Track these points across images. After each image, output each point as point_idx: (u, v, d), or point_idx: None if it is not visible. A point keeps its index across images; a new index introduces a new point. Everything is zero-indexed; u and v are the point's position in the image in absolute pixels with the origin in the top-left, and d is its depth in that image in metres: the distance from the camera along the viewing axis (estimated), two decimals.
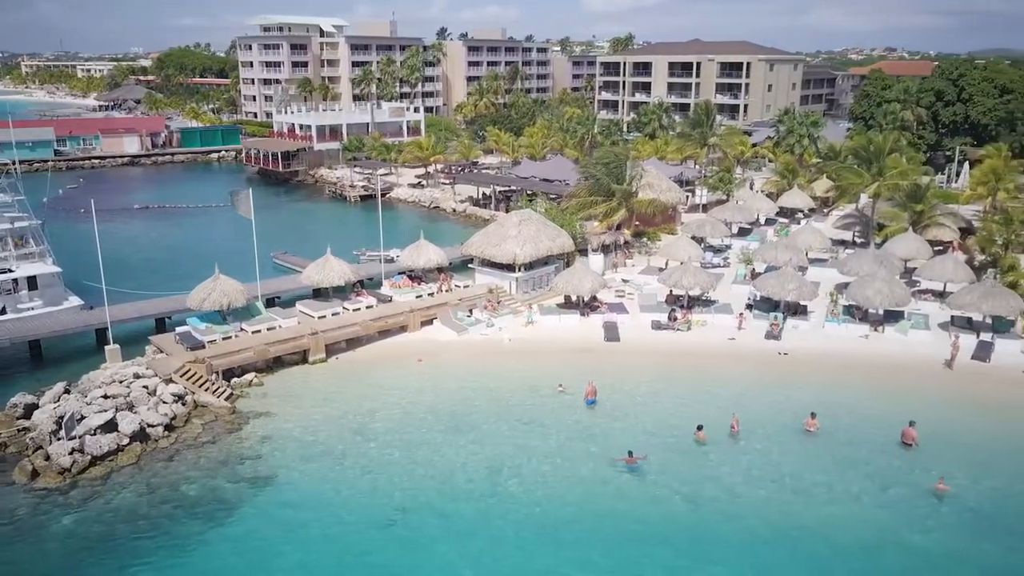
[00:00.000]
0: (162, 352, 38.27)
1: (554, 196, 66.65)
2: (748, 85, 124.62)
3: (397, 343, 42.70)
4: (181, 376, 35.74)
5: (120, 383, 34.84)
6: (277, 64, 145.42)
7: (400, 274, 48.69)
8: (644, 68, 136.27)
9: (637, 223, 59.59)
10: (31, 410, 33.04)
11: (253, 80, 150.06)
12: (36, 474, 29.49)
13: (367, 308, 43.77)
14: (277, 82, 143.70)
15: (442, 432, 32.90)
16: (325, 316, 42.34)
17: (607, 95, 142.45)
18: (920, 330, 42.31)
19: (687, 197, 72.82)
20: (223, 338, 38.97)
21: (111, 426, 31.24)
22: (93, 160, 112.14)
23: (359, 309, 43.49)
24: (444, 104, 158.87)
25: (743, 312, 41.81)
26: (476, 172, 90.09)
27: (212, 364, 36.92)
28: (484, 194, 79.79)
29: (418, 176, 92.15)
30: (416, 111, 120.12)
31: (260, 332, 39.98)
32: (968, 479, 28.95)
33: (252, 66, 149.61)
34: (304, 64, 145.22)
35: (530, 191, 71.29)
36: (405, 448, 31.60)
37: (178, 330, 39.92)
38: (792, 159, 77.91)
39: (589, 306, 45.77)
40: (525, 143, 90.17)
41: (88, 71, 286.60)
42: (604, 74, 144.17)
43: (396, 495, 28.43)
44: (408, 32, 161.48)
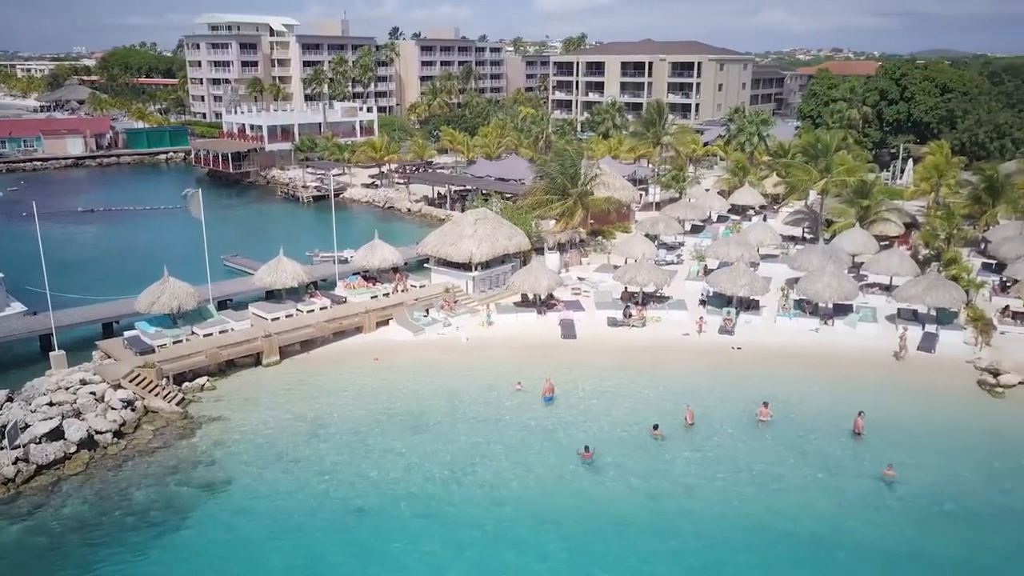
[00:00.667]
0: (110, 357, 37.30)
1: (509, 195, 66.70)
2: (699, 85, 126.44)
3: (352, 344, 42.29)
4: (130, 381, 34.87)
5: (66, 390, 33.86)
6: (226, 64, 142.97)
7: (355, 275, 48.19)
8: (597, 68, 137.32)
9: (592, 221, 59.93)
10: None
11: (202, 80, 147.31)
12: None
13: (321, 309, 43.25)
14: (226, 82, 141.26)
15: (399, 432, 32.66)
16: (279, 318, 41.71)
17: (561, 95, 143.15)
18: (868, 323, 43.34)
19: (641, 196, 73.48)
20: (173, 342, 38.15)
21: (57, 434, 30.34)
22: (35, 162, 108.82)
23: (313, 310, 42.95)
24: (397, 104, 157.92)
25: (702, 317, 42.01)
26: (431, 172, 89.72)
27: (162, 369, 36.12)
28: (439, 194, 79.48)
29: (372, 176, 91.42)
30: (369, 111, 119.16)
31: (212, 335, 39.21)
32: (915, 466, 29.74)
33: (200, 66, 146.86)
34: (254, 64, 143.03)
35: (485, 190, 71.21)
36: (361, 449, 31.30)
37: (126, 335, 38.96)
38: (743, 157, 79.14)
39: (546, 304, 45.88)
40: (480, 142, 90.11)
41: (28, 71, 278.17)
42: (557, 74, 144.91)
43: (352, 496, 28.14)
44: (360, 32, 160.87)
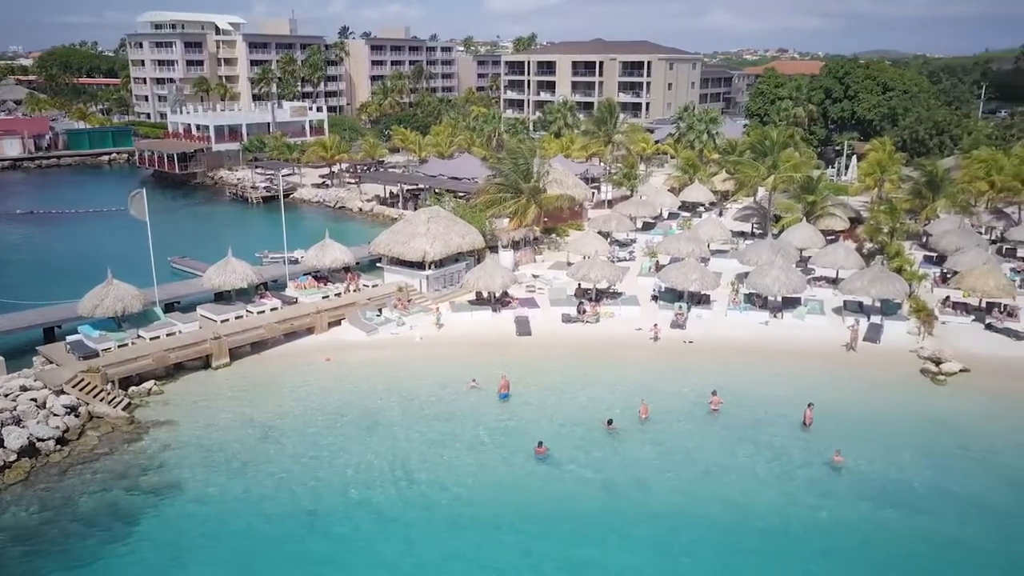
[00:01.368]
0: (52, 363, 36.17)
1: (463, 194, 66.53)
2: (649, 84, 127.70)
3: (304, 345, 41.71)
4: (73, 387, 33.84)
5: (5, 396, 32.67)
6: (170, 63, 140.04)
7: (305, 275, 47.55)
8: (548, 67, 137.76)
9: (546, 219, 60.10)
10: None
11: (145, 79, 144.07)
12: None
13: (272, 310, 42.56)
14: (171, 81, 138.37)
15: (352, 432, 32.31)
16: (228, 320, 40.92)
17: (512, 94, 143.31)
18: (816, 315, 44.24)
19: (593, 194, 73.93)
20: (118, 345, 37.16)
21: None
22: None
23: (263, 311, 42.24)
24: (348, 104, 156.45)
25: (656, 324, 42.15)
26: (382, 171, 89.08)
27: (107, 373, 35.13)
28: (391, 193, 78.91)
29: (322, 176, 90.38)
30: (319, 111, 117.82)
31: (159, 338, 38.30)
32: (862, 452, 30.45)
33: (144, 65, 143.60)
34: (199, 63, 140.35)
35: (438, 189, 70.91)
36: (314, 450, 30.87)
37: (69, 339, 37.80)
38: (693, 155, 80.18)
39: (501, 302, 45.86)
40: (432, 141, 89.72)
41: None
42: (509, 73, 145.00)
43: (305, 498, 27.72)
44: (309, 31, 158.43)
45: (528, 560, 24.69)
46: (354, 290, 46.32)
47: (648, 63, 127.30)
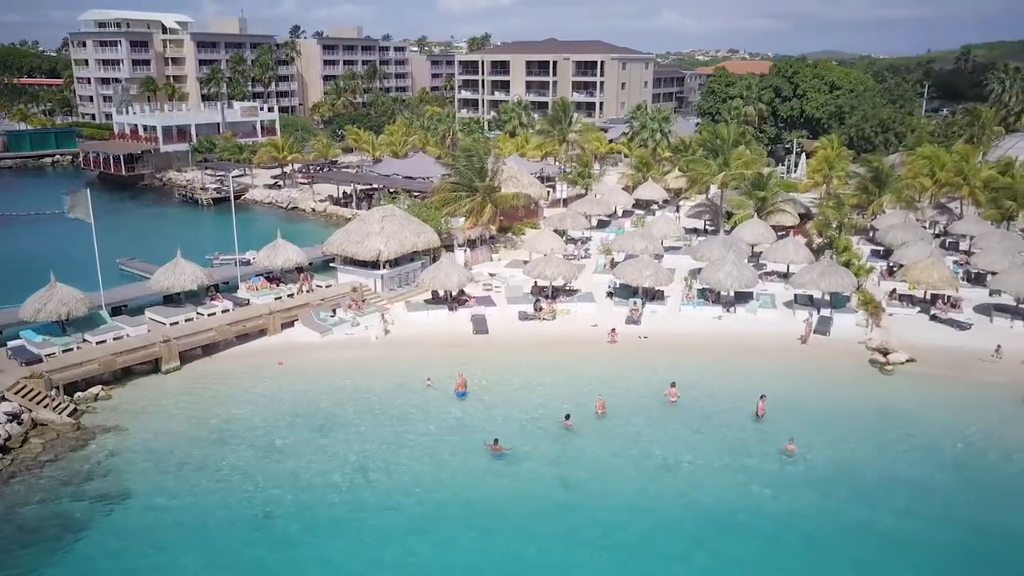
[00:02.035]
0: None
1: (417, 193, 66.16)
2: (603, 83, 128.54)
3: (257, 347, 41.04)
4: (15, 393, 32.80)
5: None
6: (116, 62, 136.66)
7: (258, 276, 46.80)
8: (502, 67, 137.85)
9: (502, 218, 60.09)
10: None
11: (89, 79, 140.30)
12: None
13: (223, 312, 41.80)
14: (116, 81, 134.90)
15: (308, 434, 31.88)
16: (177, 322, 40.06)
17: (467, 94, 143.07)
18: (767, 309, 44.98)
19: (548, 192, 74.18)
20: (63, 350, 36.13)
21: None
22: None
23: (214, 313, 41.47)
24: (300, 104, 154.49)
25: (615, 329, 41.87)
26: (336, 171, 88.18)
27: (51, 379, 34.14)
28: (345, 193, 78.15)
29: (274, 177, 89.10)
30: (270, 111, 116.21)
31: (106, 342, 37.34)
32: (813, 441, 31.03)
33: (88, 64, 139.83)
34: (146, 62, 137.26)
35: (392, 188, 70.41)
36: (268, 453, 30.39)
37: (10, 344, 36.63)
38: (646, 153, 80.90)
39: (457, 300, 45.69)
40: (386, 141, 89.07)
41: None
42: (463, 73, 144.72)
43: (260, 501, 27.27)
44: (259, 30, 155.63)
45: (485, 557, 24.63)
46: (307, 291, 45.73)
47: (601, 63, 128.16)
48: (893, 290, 46.69)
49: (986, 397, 35.15)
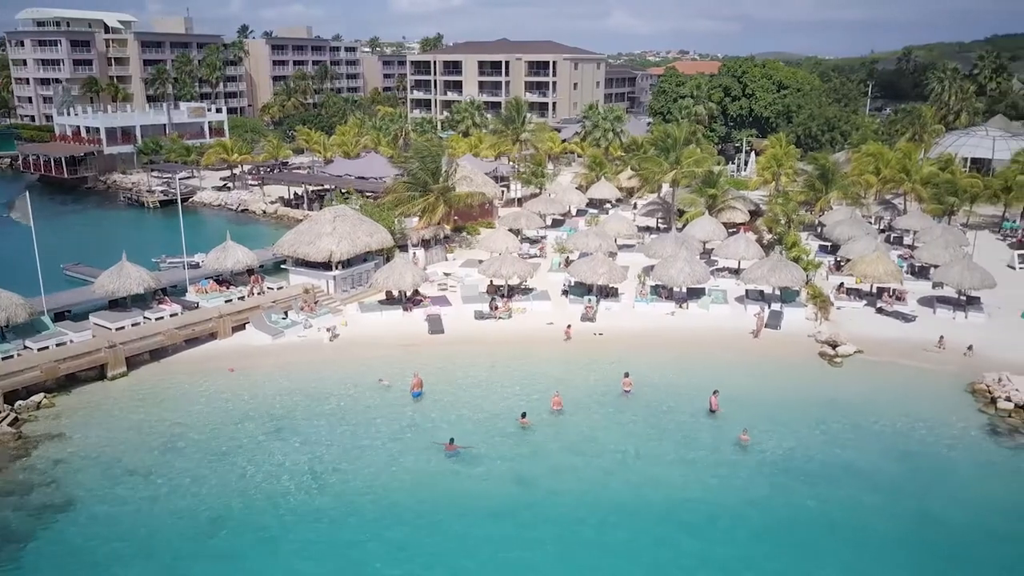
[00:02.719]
0: None
1: (370, 193, 65.56)
2: (555, 83, 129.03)
3: (207, 351, 40.18)
4: None
5: None
6: (56, 62, 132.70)
7: (207, 279, 45.84)
8: (455, 67, 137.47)
9: (456, 218, 59.87)
10: None
11: (28, 80, 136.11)
12: None
13: (171, 316, 40.86)
14: (57, 82, 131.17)
15: (260, 438, 31.29)
16: (124, 327, 39.04)
17: (419, 94, 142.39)
18: (719, 304, 45.57)
19: (503, 192, 74.15)
20: (3, 358, 34.88)
21: None
22: None
23: (162, 318, 40.50)
24: (250, 105, 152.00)
25: (570, 325, 42.01)
26: (286, 172, 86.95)
27: None
28: (296, 194, 77.10)
29: (224, 179, 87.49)
30: (219, 111, 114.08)
31: (48, 348, 36.19)
32: (766, 432, 31.52)
33: (26, 64, 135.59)
34: (88, 62, 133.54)
35: (345, 189, 69.66)
36: (219, 459, 29.75)
37: None
38: (599, 152, 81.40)
39: (412, 300, 45.36)
40: (337, 141, 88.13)
41: None
42: (415, 73, 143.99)
43: (211, 508, 26.67)
44: (206, 30, 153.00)
45: (441, 557, 24.44)
46: (258, 293, 44.95)
47: (553, 63, 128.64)
48: (841, 284, 47.68)
49: (930, 387, 36.09)
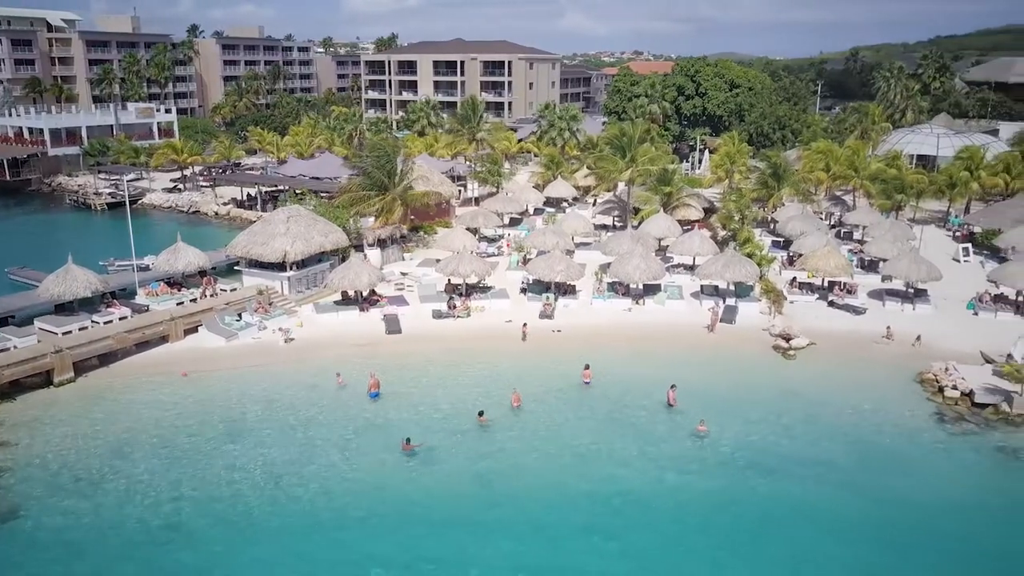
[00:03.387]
0: None
1: (325, 193, 64.82)
2: (511, 83, 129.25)
3: (159, 355, 39.30)
4: None
5: None
6: None
7: (157, 281, 44.85)
8: (409, 67, 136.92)
9: (413, 217, 59.49)
10: None
11: None
12: None
13: (120, 319, 39.87)
14: None
15: (215, 442, 30.70)
16: (71, 332, 37.96)
17: (374, 94, 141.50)
18: (675, 300, 46.01)
19: (460, 191, 73.91)
20: None
21: None
22: None
23: (111, 321, 39.47)
24: (200, 106, 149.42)
25: (526, 323, 41.81)
26: (239, 173, 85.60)
27: None
28: (249, 195, 75.92)
29: (174, 180, 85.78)
30: (168, 112, 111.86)
31: None
32: (723, 424, 31.90)
33: None
34: (30, 62, 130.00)
35: (299, 189, 68.77)
36: (172, 464, 29.09)
37: None
38: (555, 151, 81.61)
39: (368, 300, 44.93)
40: (291, 142, 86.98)
41: None
42: (370, 73, 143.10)
43: (165, 514, 26.08)
44: (153, 30, 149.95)
45: (400, 556, 24.21)
46: (211, 295, 44.11)
47: (509, 63, 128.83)
48: (793, 279, 48.48)
49: (881, 377, 36.85)
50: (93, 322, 39.20)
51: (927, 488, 28.16)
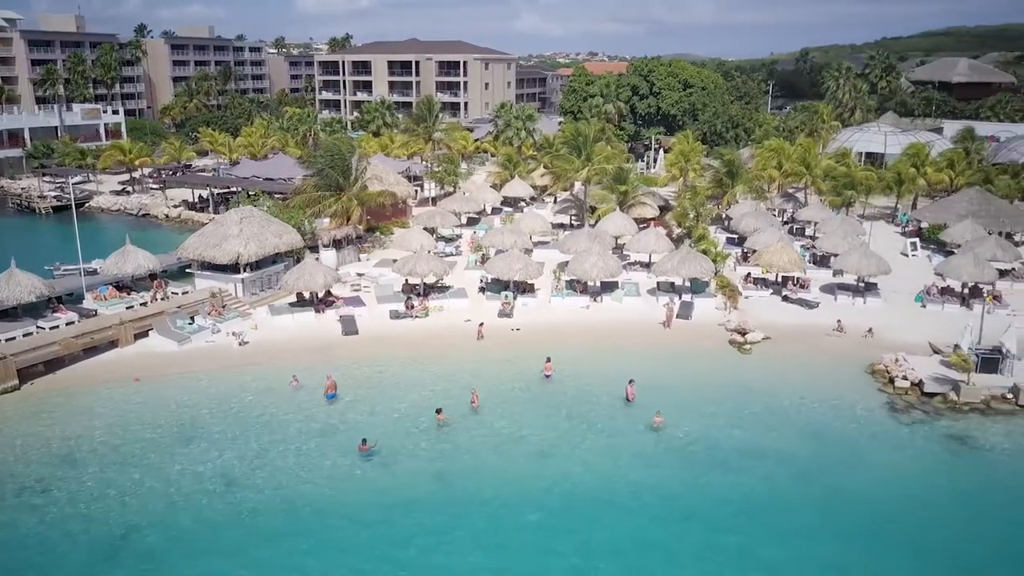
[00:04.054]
0: None
1: (279, 194, 63.87)
2: (466, 83, 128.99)
3: (108, 360, 38.27)
4: None
5: None
6: None
7: (106, 285, 43.71)
8: (364, 67, 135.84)
9: (369, 218, 58.94)
10: None
11: None
12: None
13: (68, 324, 38.77)
14: None
15: (168, 448, 29.99)
16: (14, 338, 36.80)
17: (328, 94, 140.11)
18: (632, 297, 46.31)
19: (417, 191, 73.48)
20: None
21: None
22: None
23: (57, 327, 38.38)
24: (149, 107, 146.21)
25: (482, 323, 41.63)
26: (190, 174, 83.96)
27: None
28: (201, 197, 74.48)
29: (122, 182, 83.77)
30: (115, 113, 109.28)
31: None
32: (681, 418, 32.16)
33: None
34: None
35: (252, 190, 67.63)
36: (123, 471, 28.34)
37: None
38: (512, 151, 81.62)
39: (324, 302, 44.34)
40: (243, 142, 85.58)
41: None
42: (324, 74, 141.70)
43: (117, 520, 25.41)
44: (99, 29, 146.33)
45: (361, 557, 23.90)
46: (161, 298, 43.15)
47: (464, 63, 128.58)
48: (748, 274, 49.13)
49: (834, 369, 37.53)
50: (38, 328, 38.13)
51: (879, 476, 28.69)
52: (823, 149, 79.04)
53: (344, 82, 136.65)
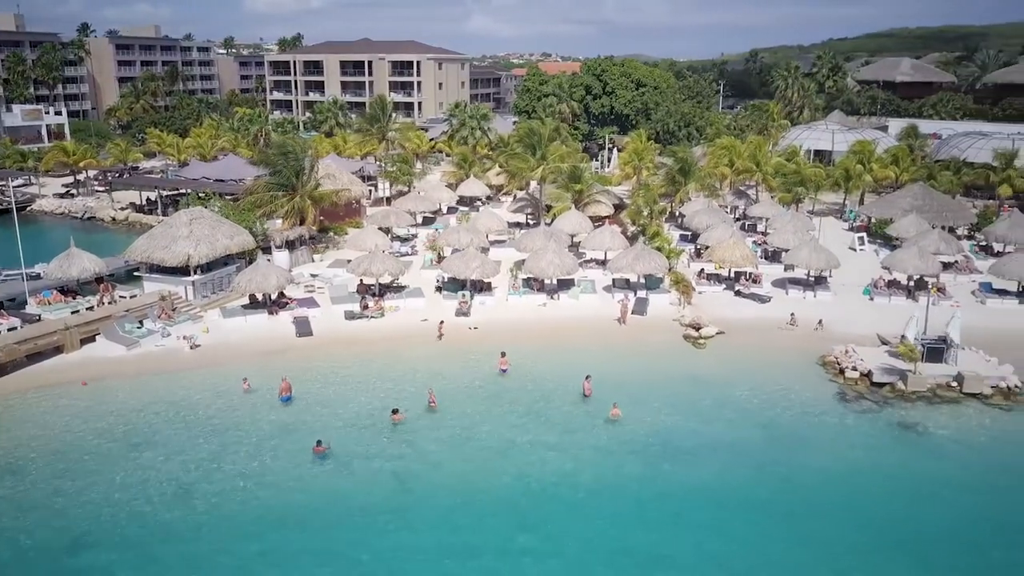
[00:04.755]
0: None
1: (230, 195, 62.78)
2: (420, 83, 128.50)
3: (53, 366, 37.14)
4: None
5: None
6: None
7: (50, 289, 42.47)
8: (316, 67, 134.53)
9: (322, 218, 58.27)
10: None
11: None
12: None
13: (9, 331, 37.58)
14: None
15: (118, 453, 29.26)
16: None
17: (279, 95, 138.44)
18: (588, 294, 46.55)
19: (371, 191, 72.89)
20: None
21: None
22: None
23: None
24: (94, 108, 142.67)
25: (443, 321, 41.71)
26: (137, 176, 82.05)
27: None
28: (149, 199, 72.85)
29: (66, 185, 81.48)
30: (59, 114, 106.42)
31: None
32: (637, 412, 32.41)
33: None
34: None
35: (202, 192, 66.36)
36: (72, 480, 27.53)
37: None
38: (467, 150, 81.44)
39: (277, 303, 43.69)
40: (192, 143, 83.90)
41: None
42: (274, 74, 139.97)
43: (66, 529, 24.71)
44: (40, 28, 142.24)
45: (317, 561, 23.58)
46: (108, 302, 42.08)
47: (417, 63, 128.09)
48: (701, 270, 49.75)
49: (786, 361, 38.17)
50: None
51: (830, 465, 29.23)
52: (773, 147, 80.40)
53: (296, 82, 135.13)
